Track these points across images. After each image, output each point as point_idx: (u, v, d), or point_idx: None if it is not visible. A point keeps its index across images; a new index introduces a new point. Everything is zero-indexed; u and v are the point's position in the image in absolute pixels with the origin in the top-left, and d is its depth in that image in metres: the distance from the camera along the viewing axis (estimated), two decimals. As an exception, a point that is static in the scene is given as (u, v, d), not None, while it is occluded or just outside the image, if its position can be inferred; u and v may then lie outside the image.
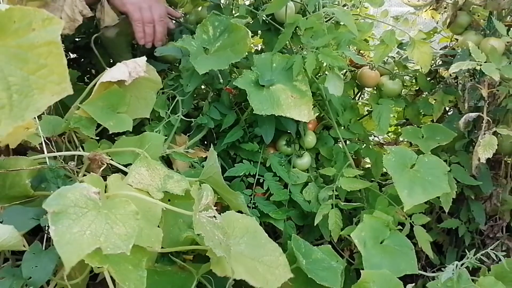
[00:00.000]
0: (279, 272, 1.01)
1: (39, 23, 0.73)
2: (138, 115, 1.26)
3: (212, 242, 0.85)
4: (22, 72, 0.73)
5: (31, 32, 0.73)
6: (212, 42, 1.40)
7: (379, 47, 1.43)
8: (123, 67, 1.16)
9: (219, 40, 1.40)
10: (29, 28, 0.73)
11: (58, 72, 0.75)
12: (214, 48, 1.39)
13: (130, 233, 0.76)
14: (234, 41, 1.36)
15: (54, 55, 0.74)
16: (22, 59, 0.73)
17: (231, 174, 1.41)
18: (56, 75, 0.75)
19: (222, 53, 1.37)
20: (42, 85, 0.74)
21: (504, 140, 1.39)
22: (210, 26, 1.41)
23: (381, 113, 1.52)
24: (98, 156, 1.04)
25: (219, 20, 1.41)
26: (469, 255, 1.12)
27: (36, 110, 0.74)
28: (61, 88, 0.75)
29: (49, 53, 0.74)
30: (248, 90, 1.32)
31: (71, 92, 0.76)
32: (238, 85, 1.33)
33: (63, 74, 0.75)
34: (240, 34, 1.35)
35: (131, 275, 0.80)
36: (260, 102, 1.31)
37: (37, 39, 0.73)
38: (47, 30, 0.73)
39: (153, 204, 0.95)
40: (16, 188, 0.96)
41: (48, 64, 0.74)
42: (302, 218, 1.48)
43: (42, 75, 0.74)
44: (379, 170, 1.59)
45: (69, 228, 0.72)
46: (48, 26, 0.74)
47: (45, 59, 0.74)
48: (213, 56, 1.37)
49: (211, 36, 1.41)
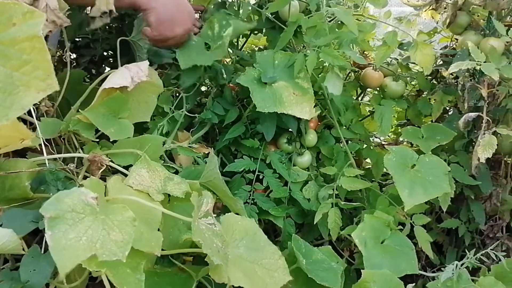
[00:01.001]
0: (278, 275, 1.01)
1: (20, 17, 0.71)
2: (139, 118, 1.25)
3: (210, 250, 0.85)
4: (5, 69, 0.71)
5: (11, 26, 0.71)
6: (215, 39, 1.39)
7: (380, 48, 1.43)
8: (126, 72, 1.15)
9: (221, 39, 1.39)
10: (10, 23, 0.71)
11: (42, 67, 0.73)
12: (216, 45, 1.38)
13: (126, 240, 0.75)
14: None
15: (37, 50, 0.72)
16: (4, 55, 0.71)
17: (231, 169, 1.41)
18: (41, 71, 0.73)
19: (217, 51, 1.36)
20: (27, 82, 0.72)
21: (504, 140, 1.39)
22: (217, 23, 1.39)
23: (383, 114, 1.51)
24: (98, 157, 1.04)
25: (226, 19, 1.40)
26: (469, 255, 1.12)
27: (21, 108, 0.72)
28: (47, 85, 0.73)
29: (32, 48, 0.72)
30: (251, 87, 1.32)
31: (57, 88, 0.74)
32: (241, 82, 1.33)
33: (48, 70, 0.73)
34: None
35: (129, 278, 0.80)
36: (263, 100, 1.32)
37: (19, 34, 0.71)
38: (29, 24, 0.72)
39: (154, 207, 0.95)
40: (16, 190, 0.96)
41: (32, 60, 0.72)
42: (302, 216, 1.48)
43: (26, 71, 0.72)
44: (380, 170, 1.59)
45: (66, 233, 0.72)
46: (30, 20, 0.72)
47: (28, 54, 0.72)
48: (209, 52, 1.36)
49: (215, 34, 1.39)
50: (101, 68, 1.82)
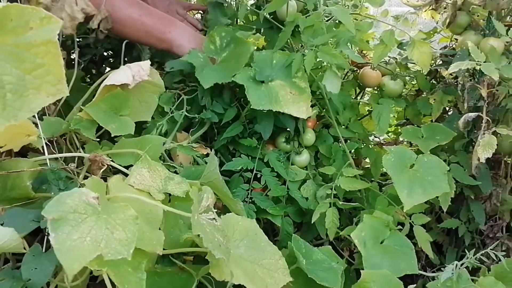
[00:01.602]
0: (278, 276, 1.01)
1: (37, 22, 0.72)
2: (140, 118, 1.26)
3: (211, 244, 0.85)
4: (18, 71, 0.72)
5: (28, 31, 0.72)
6: (219, 52, 1.43)
7: (378, 47, 1.43)
8: (127, 70, 1.16)
9: (225, 50, 1.43)
10: (27, 27, 0.72)
11: (54, 72, 0.74)
12: (221, 58, 1.42)
13: (130, 238, 0.76)
14: (239, 53, 1.39)
15: (51, 55, 0.73)
16: (19, 58, 0.72)
17: (229, 168, 1.41)
18: (53, 76, 0.74)
19: (227, 64, 1.39)
20: (38, 85, 0.73)
21: (504, 140, 1.39)
22: (217, 36, 1.43)
23: (381, 112, 1.52)
24: (99, 157, 1.04)
25: (225, 30, 1.44)
26: (469, 255, 1.12)
27: (30, 111, 0.73)
28: (57, 89, 0.74)
29: (46, 53, 0.73)
30: (246, 85, 1.32)
31: (67, 93, 0.75)
32: (236, 80, 1.33)
33: (59, 75, 0.74)
34: (245, 47, 1.39)
35: (131, 277, 0.80)
36: (258, 98, 1.32)
37: (35, 38, 0.72)
38: (45, 29, 0.73)
39: (154, 206, 0.95)
40: (17, 190, 0.96)
41: (45, 64, 0.73)
42: (300, 215, 1.48)
43: (38, 75, 0.73)
44: (379, 169, 1.59)
45: (69, 235, 0.72)
46: (46, 25, 0.73)
47: (42, 58, 0.73)
48: (219, 66, 1.39)
49: (218, 47, 1.43)
50: (101, 68, 1.82)
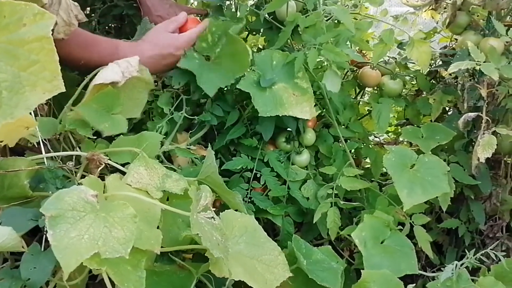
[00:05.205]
0: (278, 271, 1.00)
1: (30, 18, 0.72)
2: (130, 115, 1.24)
3: (209, 243, 0.84)
4: (12, 68, 0.72)
5: (22, 27, 0.72)
6: (213, 48, 1.41)
7: (377, 46, 1.43)
8: (116, 67, 1.14)
9: (218, 45, 1.41)
10: (20, 23, 0.72)
11: (50, 68, 0.74)
12: (215, 54, 1.40)
13: (128, 237, 0.75)
14: (233, 51, 1.38)
15: (46, 51, 0.73)
16: (13, 55, 0.72)
17: (229, 167, 1.41)
18: (48, 72, 0.74)
19: (223, 62, 1.38)
20: (34, 82, 0.73)
21: (504, 140, 1.39)
22: (208, 33, 1.41)
23: (380, 111, 1.51)
24: (96, 156, 1.03)
25: (216, 25, 1.42)
26: (469, 255, 1.12)
27: (27, 108, 0.73)
28: (53, 86, 0.74)
29: (41, 49, 0.73)
30: (251, 92, 1.32)
31: (63, 89, 0.75)
32: (241, 87, 1.33)
33: (55, 71, 0.74)
34: (239, 44, 1.38)
35: (130, 276, 0.79)
36: (265, 104, 1.32)
37: (28, 35, 0.72)
38: (39, 25, 0.72)
39: (152, 204, 0.95)
40: (15, 189, 0.95)
41: (40, 60, 0.73)
42: (301, 215, 1.47)
43: (33, 71, 0.73)
44: (379, 169, 1.59)
45: (67, 232, 0.72)
46: (40, 21, 0.72)
47: (37, 55, 0.73)
48: (216, 65, 1.38)
49: (210, 43, 1.41)
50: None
